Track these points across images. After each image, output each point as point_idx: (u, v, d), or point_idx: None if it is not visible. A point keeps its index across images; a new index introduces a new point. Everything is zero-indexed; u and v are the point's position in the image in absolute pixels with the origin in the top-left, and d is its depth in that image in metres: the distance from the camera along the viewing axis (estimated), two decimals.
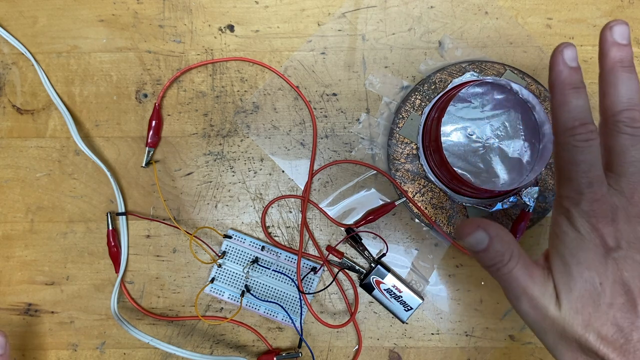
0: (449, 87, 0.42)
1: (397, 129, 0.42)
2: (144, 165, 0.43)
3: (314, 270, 0.42)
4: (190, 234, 0.42)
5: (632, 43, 0.43)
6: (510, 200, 0.41)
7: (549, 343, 0.28)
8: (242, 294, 0.42)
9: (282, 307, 0.42)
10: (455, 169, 0.38)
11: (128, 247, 0.43)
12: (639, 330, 0.25)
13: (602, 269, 0.25)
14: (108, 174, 0.42)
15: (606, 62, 0.27)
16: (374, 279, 0.42)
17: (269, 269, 0.42)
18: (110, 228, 0.42)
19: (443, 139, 0.38)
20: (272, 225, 0.43)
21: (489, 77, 0.40)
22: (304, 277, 0.42)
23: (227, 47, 0.44)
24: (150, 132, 0.42)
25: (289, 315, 0.42)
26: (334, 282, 0.42)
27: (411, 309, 0.41)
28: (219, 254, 0.42)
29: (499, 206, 0.41)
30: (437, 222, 0.42)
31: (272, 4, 0.44)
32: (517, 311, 0.28)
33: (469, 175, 0.38)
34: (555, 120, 0.27)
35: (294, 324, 0.41)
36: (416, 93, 0.42)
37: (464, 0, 0.44)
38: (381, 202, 0.43)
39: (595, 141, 0.26)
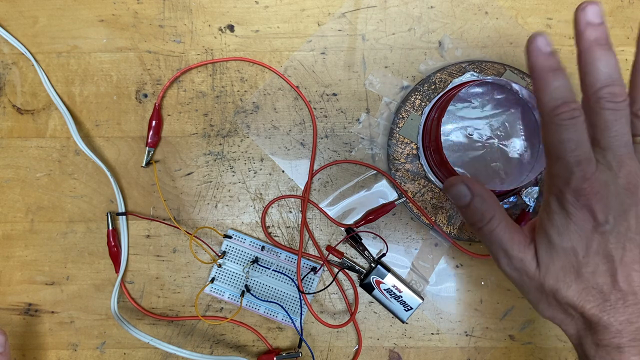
0: (449, 87, 0.42)
1: (397, 129, 0.42)
2: (144, 165, 0.43)
3: (314, 270, 0.42)
4: (190, 234, 0.42)
5: (630, 43, 0.43)
6: (510, 200, 0.41)
7: (532, 299, 0.30)
8: (242, 294, 0.42)
9: (282, 307, 0.42)
10: (455, 169, 0.38)
11: (128, 247, 0.43)
12: (617, 293, 0.27)
13: (587, 243, 0.27)
14: (108, 174, 0.42)
15: (582, 43, 0.27)
16: (374, 279, 0.42)
17: (269, 269, 0.42)
18: (110, 228, 0.42)
19: (443, 139, 0.38)
20: (272, 225, 0.43)
21: (489, 77, 0.40)
22: (304, 277, 0.42)
23: (227, 47, 0.44)
24: (150, 132, 0.42)
25: (289, 315, 0.42)
26: (334, 282, 0.42)
27: (411, 309, 0.41)
28: (219, 254, 0.42)
29: None
30: (437, 222, 0.42)
31: (272, 4, 0.44)
32: (500, 269, 0.30)
33: (469, 175, 0.38)
34: (539, 104, 0.28)
35: (294, 324, 0.41)
36: (416, 93, 0.42)
37: (464, 0, 0.44)
38: (381, 202, 0.43)
39: (579, 118, 0.26)
